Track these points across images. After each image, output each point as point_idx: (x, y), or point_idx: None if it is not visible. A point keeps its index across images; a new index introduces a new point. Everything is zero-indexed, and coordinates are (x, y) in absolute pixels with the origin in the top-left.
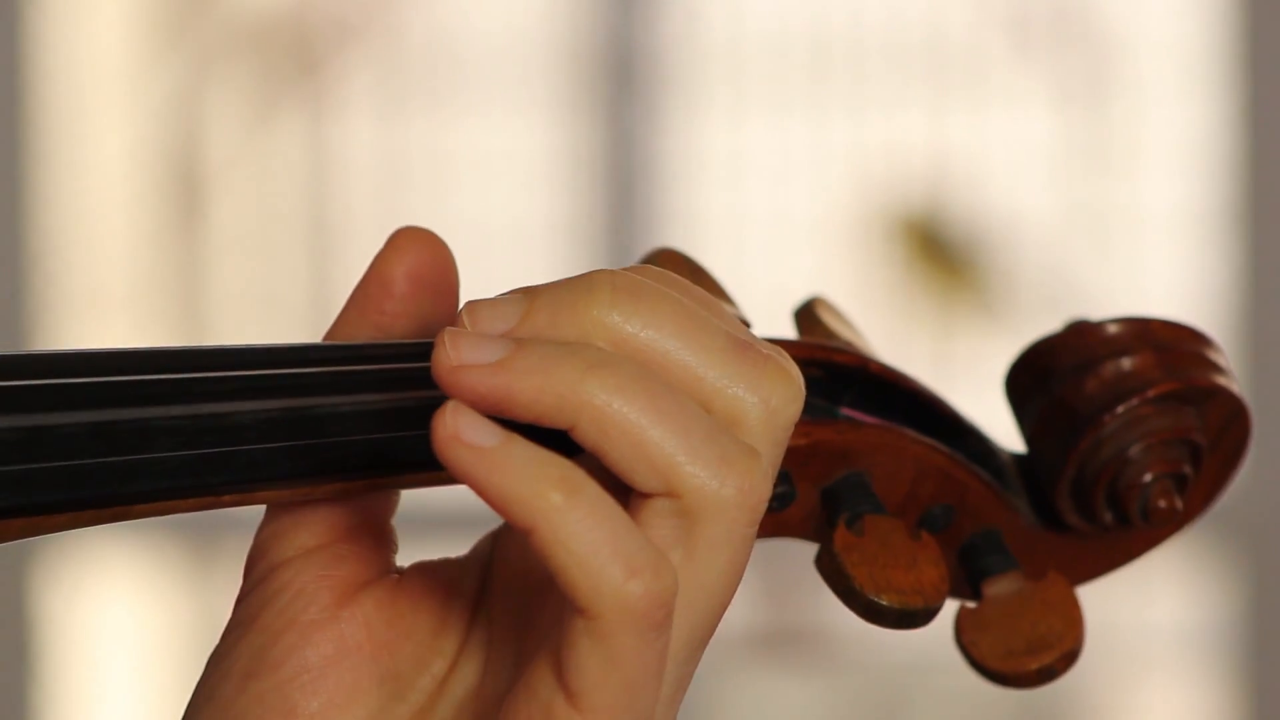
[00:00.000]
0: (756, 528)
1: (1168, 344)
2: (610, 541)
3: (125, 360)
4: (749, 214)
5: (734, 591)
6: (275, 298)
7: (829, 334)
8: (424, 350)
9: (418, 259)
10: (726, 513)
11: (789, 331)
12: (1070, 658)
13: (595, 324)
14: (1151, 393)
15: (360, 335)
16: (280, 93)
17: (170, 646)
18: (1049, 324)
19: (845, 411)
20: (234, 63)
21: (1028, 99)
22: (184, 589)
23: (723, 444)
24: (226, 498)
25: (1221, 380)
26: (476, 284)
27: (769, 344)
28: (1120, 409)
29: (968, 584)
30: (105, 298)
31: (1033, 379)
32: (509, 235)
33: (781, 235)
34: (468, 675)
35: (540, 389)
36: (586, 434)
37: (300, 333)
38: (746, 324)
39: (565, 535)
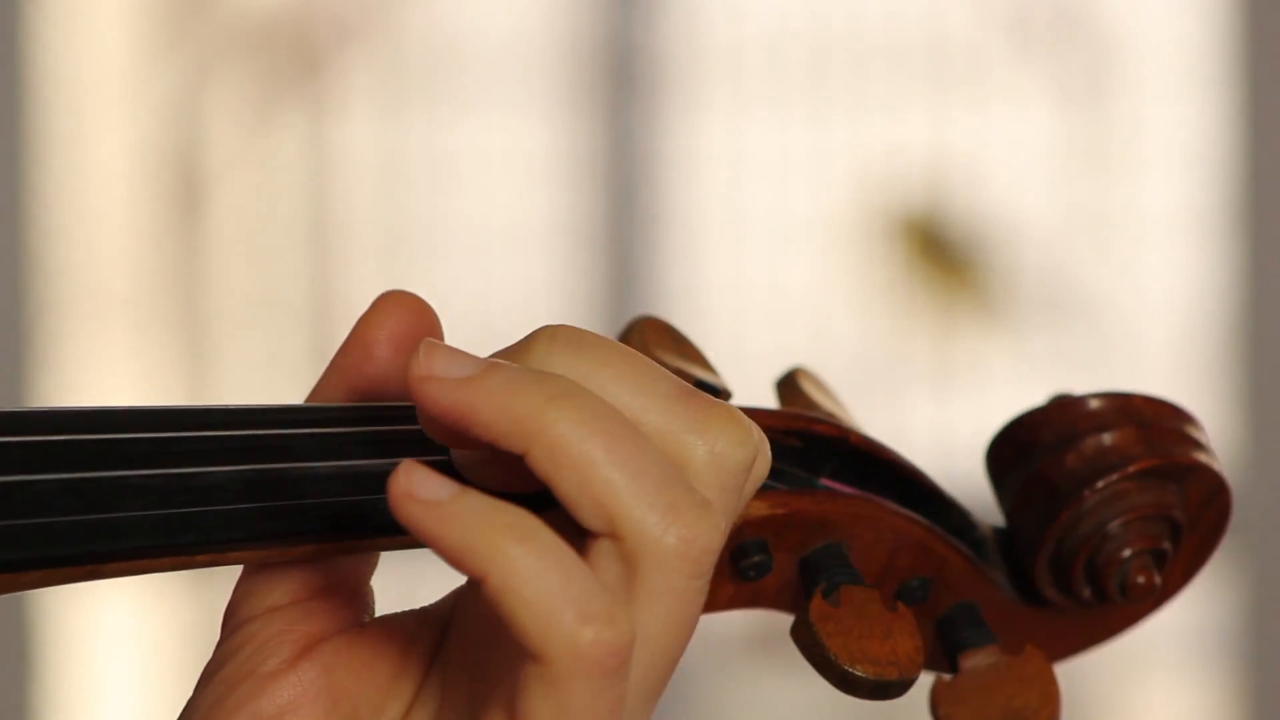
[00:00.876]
0: (704, 580)
1: (1149, 420)
2: (562, 588)
3: (100, 419)
4: (749, 214)
5: (683, 643)
6: (275, 298)
7: (810, 404)
8: (401, 413)
9: (401, 323)
10: (667, 561)
11: (771, 401)
12: None
13: None
14: (1132, 469)
15: (341, 398)
16: (280, 93)
17: (170, 648)
18: (1049, 323)
19: (825, 482)
20: (234, 63)
21: (1028, 99)
22: (184, 590)
23: (674, 492)
24: (200, 558)
25: (1203, 457)
26: (476, 284)
27: (723, 403)
28: (1100, 484)
29: (944, 657)
30: (105, 298)
31: (1014, 452)
32: (509, 235)
33: (781, 235)
34: (431, 702)
35: (501, 410)
36: (539, 462)
37: (300, 332)
38: (728, 393)
39: (516, 582)
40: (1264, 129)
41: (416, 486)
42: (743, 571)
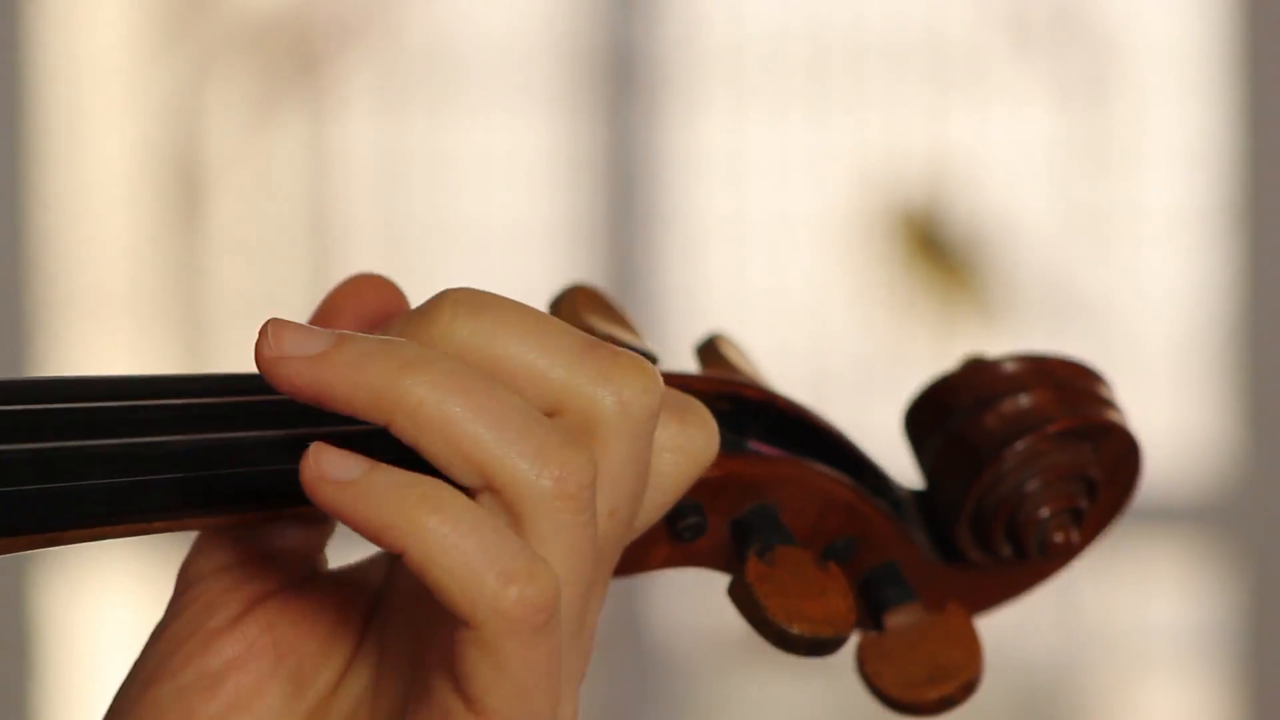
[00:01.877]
0: (589, 514)
1: (1065, 381)
2: (481, 552)
3: (60, 389)
4: (749, 214)
5: (588, 576)
6: (275, 298)
7: (732, 369)
8: None
9: (367, 302)
10: (547, 503)
11: (693, 367)
12: (969, 687)
13: (442, 338)
14: (1051, 429)
15: None
16: (280, 93)
17: None
18: (1049, 324)
19: (754, 445)
20: (234, 63)
21: (1028, 99)
22: None
23: (540, 435)
24: (157, 524)
25: (1116, 417)
26: (476, 284)
27: (626, 352)
28: (1020, 445)
29: (869, 615)
30: (105, 298)
31: (932, 416)
32: (509, 235)
33: (781, 235)
34: (363, 675)
35: (355, 384)
36: (404, 430)
37: None
38: (653, 358)
39: (435, 552)
40: (1264, 129)
41: (327, 468)
42: (679, 533)
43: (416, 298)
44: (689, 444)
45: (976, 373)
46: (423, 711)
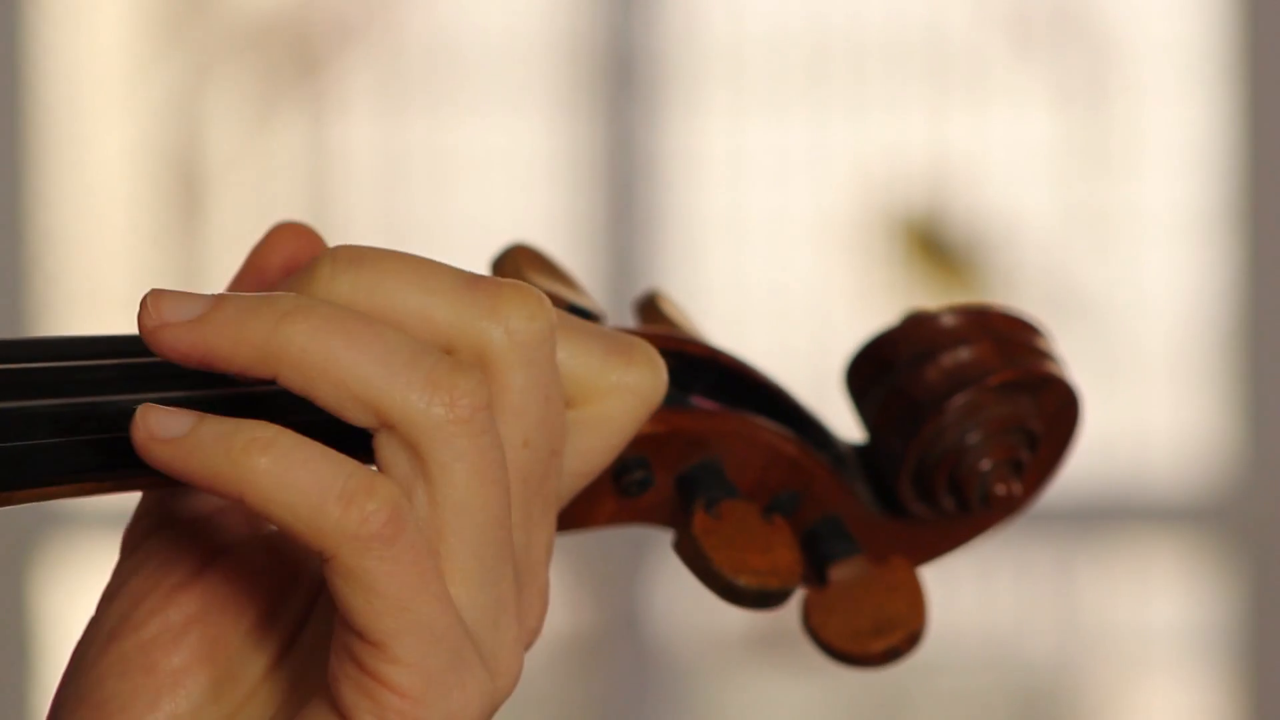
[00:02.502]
0: (489, 435)
1: (1005, 334)
2: (315, 482)
3: (6, 349)
4: (749, 214)
5: (500, 498)
6: None
7: (672, 326)
8: None
9: (294, 252)
10: (443, 429)
11: (630, 323)
12: (914, 638)
13: (324, 294)
14: (991, 381)
15: None
16: (280, 93)
17: None
18: (1049, 323)
19: (697, 400)
20: (234, 63)
21: (1028, 99)
22: None
23: (427, 365)
24: (106, 483)
25: (1055, 369)
26: None
27: (508, 281)
28: (960, 398)
29: (812, 569)
30: (105, 298)
31: (873, 370)
32: (509, 235)
33: (781, 235)
34: (320, 620)
35: (236, 340)
36: (291, 380)
37: None
38: (600, 316)
39: (272, 491)
40: (1264, 129)
41: (155, 427)
42: (625, 488)
43: None
44: (637, 383)
45: (916, 326)
46: (333, 665)
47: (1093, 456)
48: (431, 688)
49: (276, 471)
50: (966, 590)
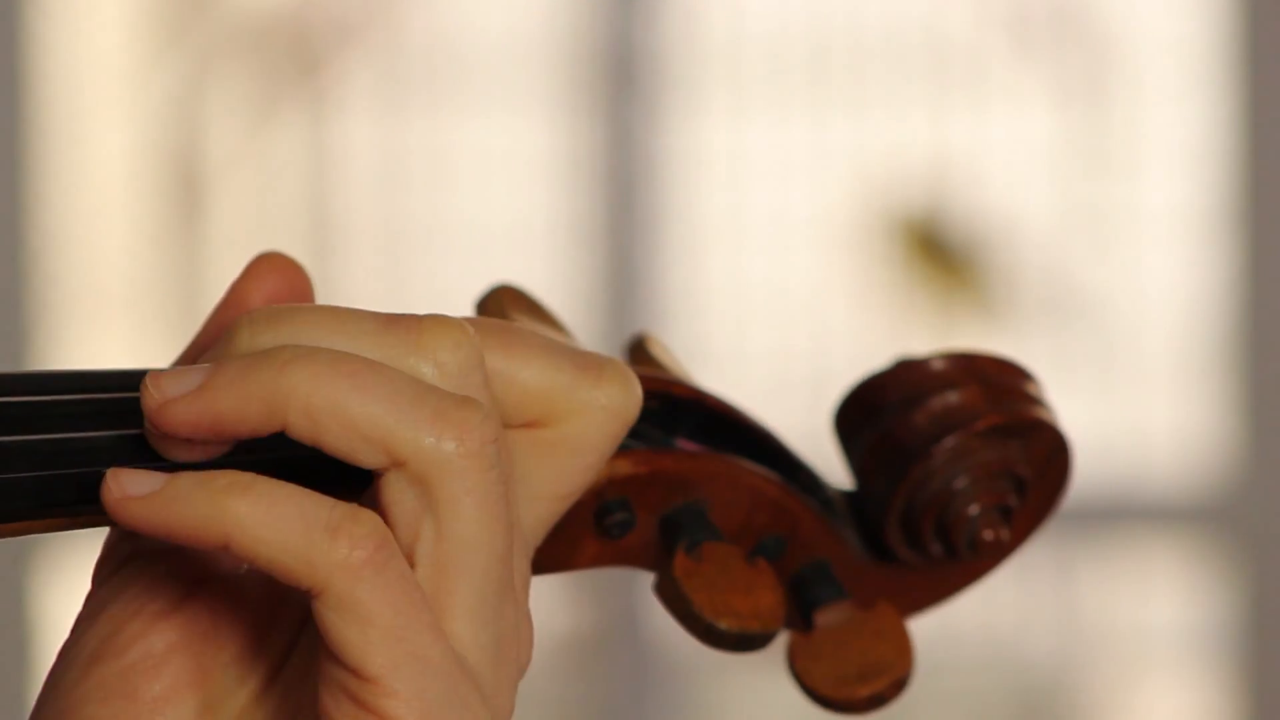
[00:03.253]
0: (498, 470)
1: (993, 378)
2: (299, 518)
3: None
4: (749, 214)
5: (505, 534)
6: None
7: (660, 369)
8: None
9: (276, 285)
10: (453, 465)
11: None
12: (900, 685)
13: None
14: (979, 426)
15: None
16: (280, 93)
17: None
18: (1049, 323)
19: (681, 442)
20: (234, 63)
21: (1028, 99)
22: None
23: (433, 401)
24: (82, 517)
25: (1044, 414)
26: (476, 284)
27: (428, 315)
28: (948, 442)
29: (799, 614)
30: (105, 298)
31: (861, 414)
32: (509, 235)
33: (781, 235)
34: (306, 651)
35: (243, 398)
36: (300, 428)
37: None
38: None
39: (258, 532)
40: (1264, 129)
41: (128, 487)
42: (607, 529)
43: (417, 298)
44: (607, 399)
45: (905, 371)
46: (325, 700)
47: (1093, 456)
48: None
49: (260, 510)
50: (966, 592)
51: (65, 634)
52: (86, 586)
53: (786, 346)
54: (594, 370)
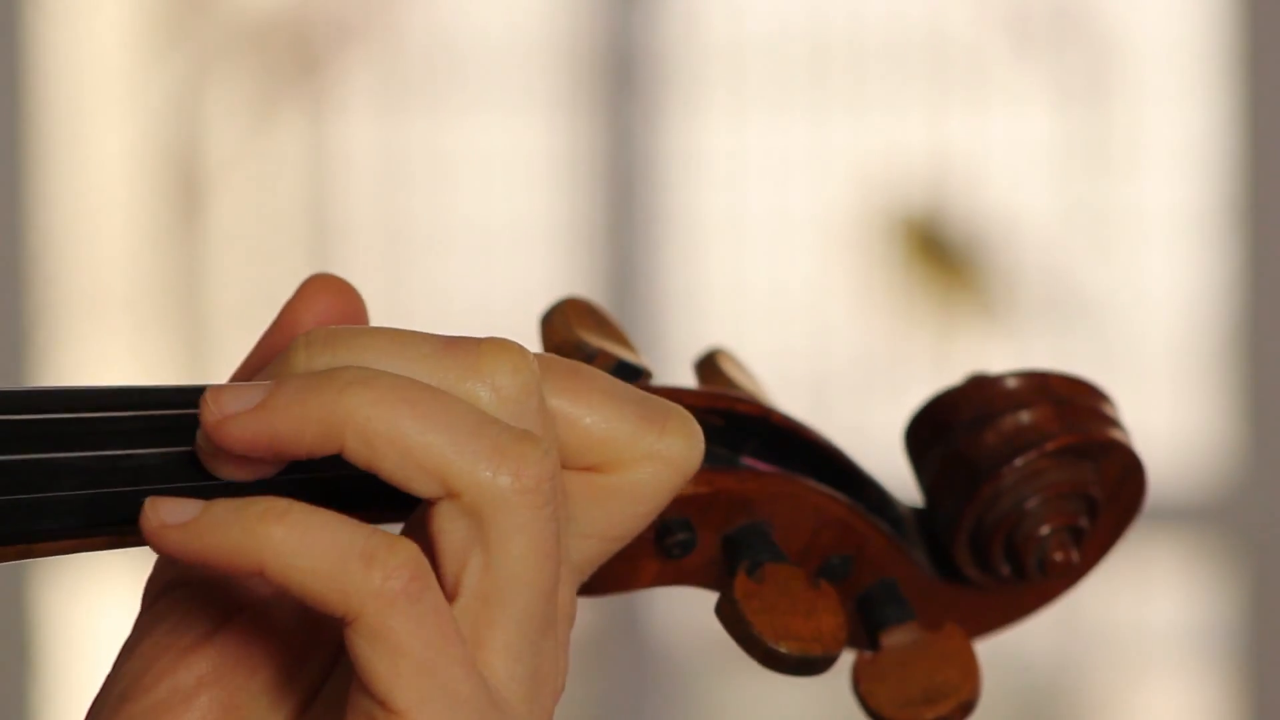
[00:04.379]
0: (551, 507)
1: (1066, 398)
2: (335, 545)
3: (30, 400)
4: (749, 214)
5: (552, 572)
6: (275, 298)
7: (730, 384)
8: None
9: (329, 307)
10: (508, 501)
11: (691, 382)
12: (966, 708)
13: None
14: (1050, 446)
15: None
16: (280, 93)
17: None
18: (1049, 324)
19: (747, 461)
20: (234, 63)
21: (1028, 99)
22: None
23: (492, 434)
24: (130, 538)
25: (1118, 435)
26: (476, 284)
27: (487, 339)
28: (1019, 462)
29: (865, 634)
30: (105, 298)
31: (932, 432)
32: (509, 235)
33: (781, 235)
34: (339, 682)
35: (301, 418)
36: (357, 452)
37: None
38: (649, 373)
39: (293, 558)
40: (1264, 129)
41: (165, 515)
42: (667, 549)
43: (417, 298)
44: (668, 451)
45: (977, 389)
46: None
47: None
48: None
49: (295, 537)
50: None
51: (65, 635)
52: (87, 587)
53: (786, 346)
54: (659, 421)
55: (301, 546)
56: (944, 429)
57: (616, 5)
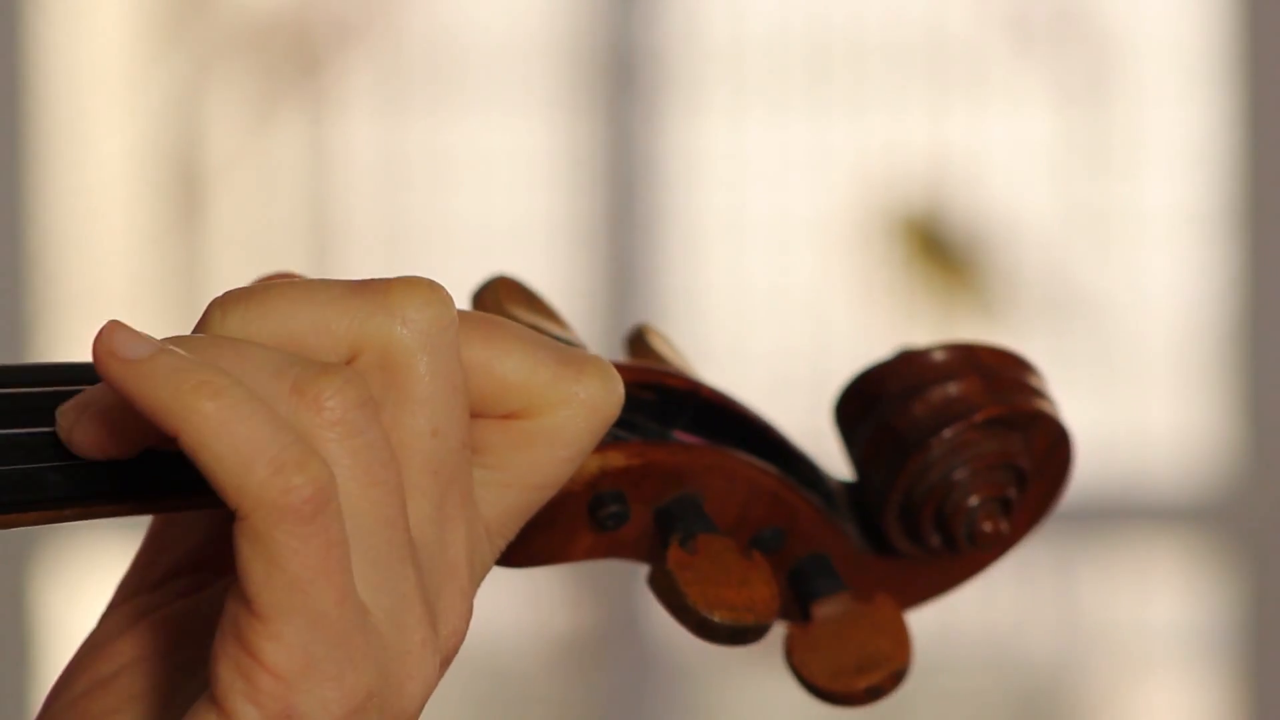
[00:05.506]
0: (364, 437)
1: (993, 370)
2: (252, 440)
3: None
4: (749, 214)
5: (384, 499)
6: None
7: (660, 360)
8: None
9: None
10: (313, 436)
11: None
12: (898, 676)
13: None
14: (978, 417)
15: None
16: (280, 93)
17: None
18: (1049, 323)
19: (678, 435)
20: (234, 63)
21: (1028, 99)
22: None
23: (291, 375)
24: (67, 511)
25: (1045, 406)
26: (477, 284)
27: (398, 277)
28: (947, 433)
29: (797, 606)
30: (105, 298)
31: (861, 406)
32: (509, 235)
33: (781, 235)
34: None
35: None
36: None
37: None
38: (582, 348)
39: (207, 437)
40: (1264, 129)
41: (116, 344)
42: (601, 521)
43: None
44: (586, 394)
45: (905, 362)
46: (217, 640)
47: (1093, 456)
48: (307, 674)
49: (218, 419)
50: (966, 590)
51: (65, 635)
52: (87, 587)
53: (787, 346)
54: (575, 365)
55: (221, 431)
56: (872, 402)
57: (616, 5)
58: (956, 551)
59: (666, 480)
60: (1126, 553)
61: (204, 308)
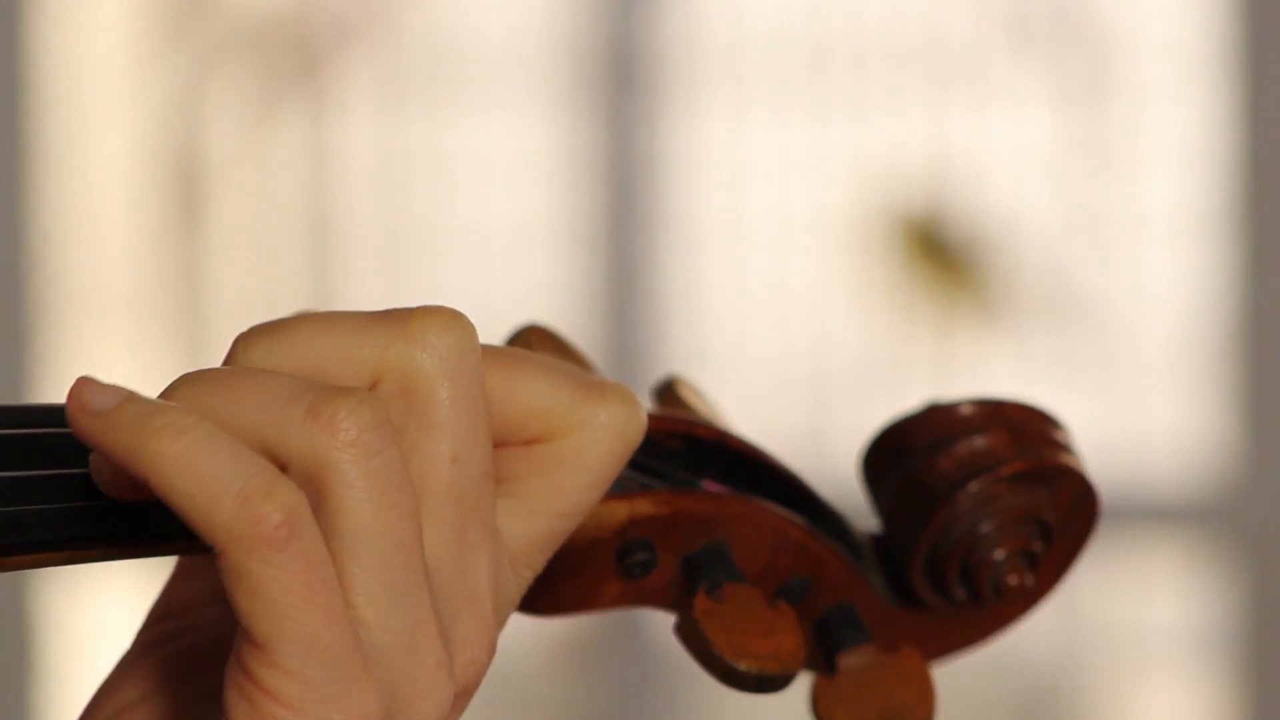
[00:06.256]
0: (381, 458)
1: (1020, 424)
2: (218, 476)
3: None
4: (749, 214)
5: (399, 521)
6: (275, 298)
7: (689, 409)
8: None
9: None
10: (328, 457)
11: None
12: None
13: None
14: (1004, 471)
15: None
16: (280, 93)
17: None
18: (1049, 323)
19: (706, 484)
20: (234, 63)
21: (1028, 99)
22: None
23: (307, 398)
24: (107, 551)
25: (1071, 461)
26: (476, 284)
27: (419, 306)
28: (973, 486)
29: (822, 656)
30: (105, 298)
31: (888, 458)
32: (509, 235)
33: (781, 235)
34: None
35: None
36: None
37: None
38: None
39: (174, 478)
40: (1264, 129)
41: (86, 399)
42: (628, 569)
43: (417, 298)
44: (608, 417)
45: (932, 415)
46: (228, 667)
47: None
48: (310, 699)
49: (185, 459)
50: None
51: (65, 636)
52: (87, 588)
53: (786, 347)
54: (597, 389)
55: (188, 470)
56: (900, 455)
57: (616, 5)
58: (982, 604)
59: (694, 529)
60: (1126, 553)
61: (204, 308)
